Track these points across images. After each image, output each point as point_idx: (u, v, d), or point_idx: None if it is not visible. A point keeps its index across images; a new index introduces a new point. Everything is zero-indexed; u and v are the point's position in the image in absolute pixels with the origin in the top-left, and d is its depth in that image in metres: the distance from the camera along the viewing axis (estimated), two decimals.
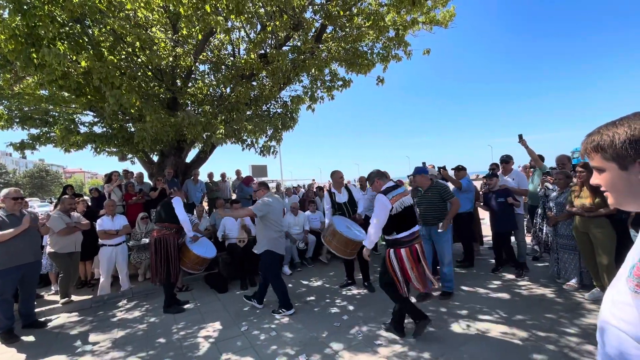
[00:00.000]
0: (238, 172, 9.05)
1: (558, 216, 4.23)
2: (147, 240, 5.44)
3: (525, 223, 5.90)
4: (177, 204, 4.24)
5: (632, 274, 0.77)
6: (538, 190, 4.99)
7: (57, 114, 7.04)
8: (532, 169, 5.81)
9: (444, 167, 5.17)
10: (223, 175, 8.84)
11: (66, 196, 5.06)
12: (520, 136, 4.96)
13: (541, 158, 5.40)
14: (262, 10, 5.61)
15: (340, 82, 6.89)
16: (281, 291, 3.88)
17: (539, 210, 4.95)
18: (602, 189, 0.85)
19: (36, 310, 4.15)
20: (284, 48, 6.16)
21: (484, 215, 6.01)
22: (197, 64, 6.22)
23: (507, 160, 5.31)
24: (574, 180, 4.23)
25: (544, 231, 4.74)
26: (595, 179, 0.87)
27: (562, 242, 4.23)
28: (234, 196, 8.52)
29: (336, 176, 4.66)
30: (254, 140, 7.00)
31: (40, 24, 3.93)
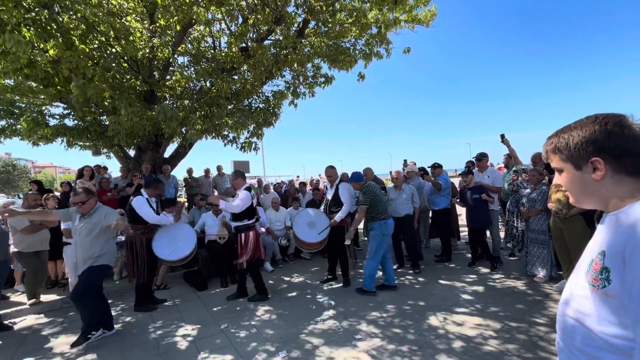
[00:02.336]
0: (219, 168, 8.88)
1: (529, 211, 4.41)
2: (122, 238, 5.25)
3: (499, 219, 6.11)
4: (139, 205, 4.00)
5: (591, 268, 0.80)
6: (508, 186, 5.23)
7: (23, 105, 6.64)
8: (512, 168, 5.99)
9: (424, 171, 5.37)
10: (207, 171, 8.65)
11: (31, 192, 4.78)
12: (503, 136, 5.13)
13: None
14: (243, 2, 5.49)
15: (322, 79, 6.86)
16: (105, 310, 3.45)
17: (508, 206, 5.18)
18: (563, 188, 0.90)
19: (1, 312, 3.93)
20: (266, 42, 6.06)
21: (462, 211, 6.19)
22: (175, 56, 6.02)
23: (480, 158, 5.46)
24: (547, 178, 4.43)
25: (517, 227, 4.95)
26: (557, 179, 0.92)
27: (532, 236, 4.43)
28: (215, 192, 8.36)
29: (326, 172, 4.70)
30: (236, 135, 6.88)
31: (3, 8, 3.67)
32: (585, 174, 0.82)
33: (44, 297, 4.57)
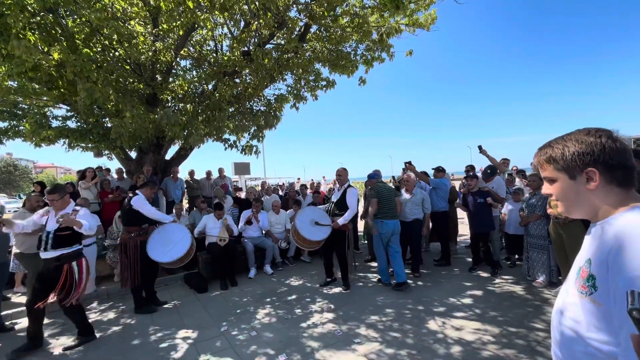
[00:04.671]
0: (221, 170, 8.90)
1: (529, 217, 4.42)
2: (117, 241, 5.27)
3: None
4: (141, 203, 4.02)
5: (579, 276, 0.84)
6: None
7: (26, 107, 6.69)
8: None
9: (409, 162, 5.43)
10: (208, 173, 8.68)
11: (33, 193, 4.81)
12: (480, 147, 5.49)
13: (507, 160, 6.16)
14: (245, 7, 5.54)
15: (324, 82, 6.90)
16: None
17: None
18: (553, 198, 0.92)
19: (2, 313, 3.95)
20: (268, 46, 6.11)
21: (462, 215, 6.20)
22: (178, 59, 6.07)
23: (492, 173, 5.30)
24: None
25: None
26: (547, 189, 0.94)
27: (532, 241, 4.44)
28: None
29: (336, 173, 4.75)
30: (237, 139, 6.91)
31: (9, 12, 3.72)
32: (579, 184, 0.85)
33: None
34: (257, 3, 5.15)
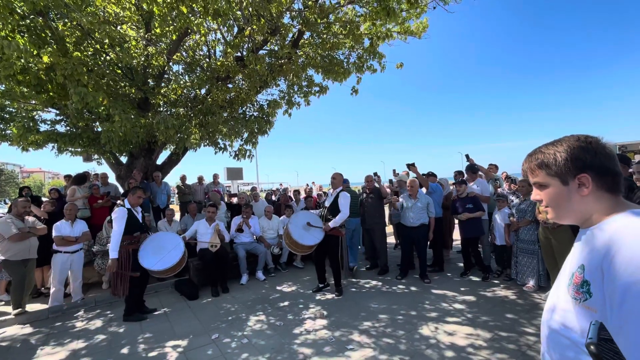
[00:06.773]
0: (215, 177, 8.82)
1: (520, 222, 4.49)
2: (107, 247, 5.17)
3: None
4: (115, 217, 3.94)
5: (572, 282, 0.83)
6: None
7: (14, 110, 6.57)
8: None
9: (413, 164, 5.39)
10: (200, 178, 8.61)
11: (20, 199, 4.70)
12: (467, 156, 5.83)
13: (496, 167, 6.45)
14: (239, 12, 5.57)
15: (317, 88, 6.94)
16: None
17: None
18: (543, 204, 0.93)
19: None
20: (261, 52, 6.14)
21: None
22: (170, 64, 6.05)
23: (474, 170, 5.53)
24: None
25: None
26: (536, 195, 0.94)
27: (522, 246, 4.50)
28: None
29: (332, 175, 4.77)
30: (229, 143, 6.88)
31: None
32: (571, 190, 0.85)
33: (30, 307, 4.46)
34: (250, 9, 5.18)
